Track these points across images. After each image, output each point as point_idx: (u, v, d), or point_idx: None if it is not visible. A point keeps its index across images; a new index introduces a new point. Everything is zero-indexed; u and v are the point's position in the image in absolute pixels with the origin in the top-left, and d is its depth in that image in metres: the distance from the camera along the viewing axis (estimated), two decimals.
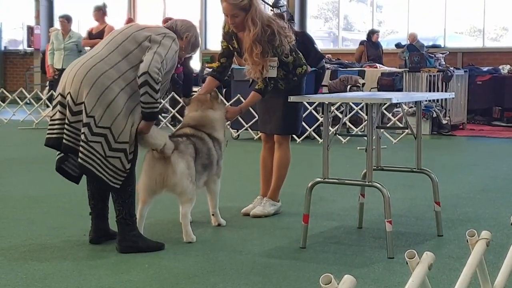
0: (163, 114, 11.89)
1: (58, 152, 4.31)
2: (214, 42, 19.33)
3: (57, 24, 20.61)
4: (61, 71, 11.99)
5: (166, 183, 4.42)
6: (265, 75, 4.99)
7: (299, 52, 5.32)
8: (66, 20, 12.41)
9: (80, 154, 4.07)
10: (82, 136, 4.05)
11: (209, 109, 4.86)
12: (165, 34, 4.24)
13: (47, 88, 13.87)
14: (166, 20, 12.64)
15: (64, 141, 4.12)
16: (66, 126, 4.11)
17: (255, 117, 10.49)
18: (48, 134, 4.24)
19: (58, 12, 21.41)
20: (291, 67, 5.16)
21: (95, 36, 11.58)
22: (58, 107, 4.18)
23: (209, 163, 4.71)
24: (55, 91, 13.05)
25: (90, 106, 4.04)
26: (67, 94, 4.11)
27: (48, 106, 13.21)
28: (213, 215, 4.91)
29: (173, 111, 11.39)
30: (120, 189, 4.15)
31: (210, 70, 14.13)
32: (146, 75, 4.01)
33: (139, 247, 4.19)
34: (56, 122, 4.19)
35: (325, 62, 14.80)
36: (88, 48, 12.02)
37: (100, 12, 11.90)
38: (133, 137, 4.15)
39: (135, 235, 4.22)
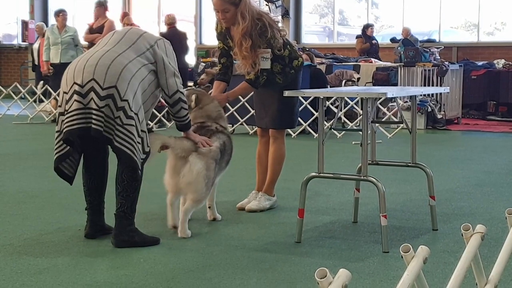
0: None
1: (56, 152, 4.29)
2: (209, 37, 19.31)
3: (52, 19, 20.58)
4: (58, 65, 11.98)
5: (182, 181, 4.44)
6: (259, 67, 5.01)
7: (293, 45, 5.34)
8: (66, 14, 12.48)
9: (116, 138, 4.10)
10: (118, 120, 4.09)
11: (209, 103, 4.90)
12: (159, 38, 4.41)
13: (42, 82, 13.85)
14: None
15: (93, 126, 4.09)
16: (94, 111, 4.08)
17: (250, 111, 10.50)
18: (68, 126, 4.16)
19: (52, 6, 21.36)
20: (287, 60, 5.17)
21: (95, 31, 11.62)
22: (75, 96, 4.14)
23: (229, 159, 4.83)
24: (49, 86, 13.06)
25: (123, 90, 4.10)
26: (89, 81, 4.10)
27: (42, 101, 13.20)
28: (209, 207, 4.91)
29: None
30: (127, 183, 4.16)
31: (205, 64, 14.15)
32: (178, 93, 4.33)
33: (135, 242, 4.19)
34: (75, 112, 4.14)
35: (320, 57, 14.83)
36: (86, 43, 12.06)
37: (102, 8, 11.96)
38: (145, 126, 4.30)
39: (132, 230, 4.22)
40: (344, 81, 12.62)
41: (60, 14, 12.48)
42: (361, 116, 5.06)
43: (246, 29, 4.93)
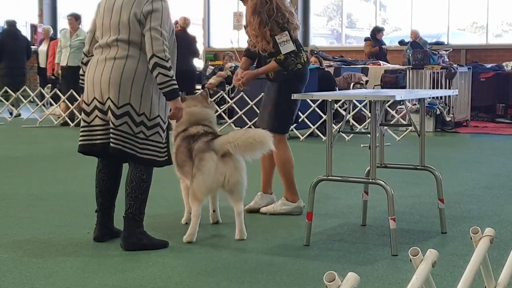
0: None
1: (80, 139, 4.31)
2: (217, 40, 19.33)
3: (61, 23, 20.65)
4: (65, 68, 12.02)
5: (229, 181, 4.40)
6: (271, 47, 5.02)
7: (301, 47, 5.26)
8: (74, 18, 12.51)
9: (140, 151, 4.16)
10: (140, 135, 4.14)
11: (205, 107, 4.86)
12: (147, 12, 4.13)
13: (50, 86, 13.90)
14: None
15: (112, 145, 4.15)
16: (112, 130, 4.14)
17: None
18: (89, 140, 4.26)
19: (61, 10, 21.44)
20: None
21: None
22: (97, 112, 4.20)
23: None
24: (58, 89, 13.02)
25: (137, 105, 4.13)
26: (107, 99, 4.14)
27: (51, 105, 13.25)
28: (214, 211, 4.91)
29: None
30: (135, 184, 4.18)
31: (213, 67, 14.19)
32: (154, 58, 4.06)
33: (143, 245, 4.19)
34: (98, 128, 4.22)
35: (328, 59, 14.83)
36: None
37: None
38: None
39: (141, 232, 4.23)
40: (352, 84, 12.61)
41: (70, 17, 12.54)
42: (370, 119, 5.05)
43: (255, 7, 4.95)
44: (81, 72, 4.42)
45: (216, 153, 4.37)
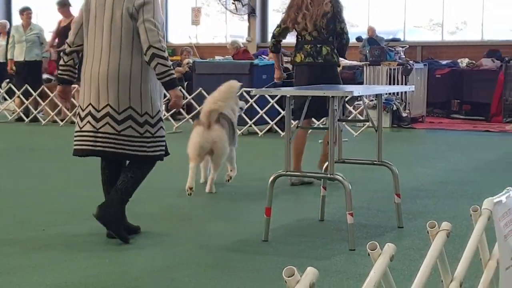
0: None
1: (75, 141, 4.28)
2: (176, 35, 19.22)
3: (15, 17, 20.26)
4: (23, 63, 11.87)
5: (212, 146, 5.60)
6: None
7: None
8: (31, 12, 12.41)
9: (150, 149, 4.18)
10: (147, 134, 4.15)
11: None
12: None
13: (6, 81, 13.66)
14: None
15: (114, 150, 4.14)
16: (114, 136, 4.12)
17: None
18: (79, 145, 4.23)
19: (15, 5, 21.05)
20: None
21: (62, 30, 11.53)
22: (89, 118, 4.17)
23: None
24: (13, 85, 12.80)
25: (138, 106, 4.13)
26: (105, 106, 4.11)
27: (5, 100, 13.03)
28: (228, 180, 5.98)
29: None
30: (136, 169, 4.21)
31: (171, 63, 14.09)
32: (151, 48, 4.06)
33: (110, 223, 4.15)
34: (87, 134, 4.18)
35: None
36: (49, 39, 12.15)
37: (66, 7, 11.89)
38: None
39: (121, 210, 4.21)
40: None
41: (25, 12, 12.38)
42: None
43: None
44: (61, 62, 4.38)
45: (203, 126, 5.60)
